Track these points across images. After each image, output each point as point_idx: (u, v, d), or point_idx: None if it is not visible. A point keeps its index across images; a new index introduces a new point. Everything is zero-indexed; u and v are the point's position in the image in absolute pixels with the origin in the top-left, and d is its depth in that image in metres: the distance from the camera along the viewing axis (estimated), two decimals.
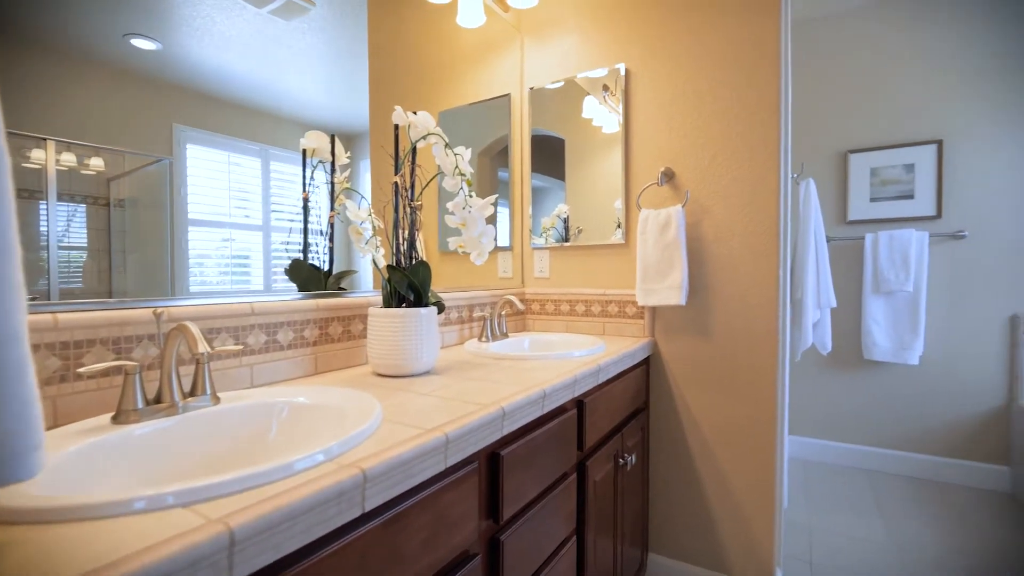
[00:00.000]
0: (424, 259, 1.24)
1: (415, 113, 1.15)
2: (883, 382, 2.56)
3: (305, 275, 1.19)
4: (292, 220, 1.17)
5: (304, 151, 1.22)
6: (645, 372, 1.61)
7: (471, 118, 1.77)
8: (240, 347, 0.80)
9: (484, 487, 0.80)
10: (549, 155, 1.89)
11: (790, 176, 2.08)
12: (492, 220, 1.88)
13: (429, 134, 1.14)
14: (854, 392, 2.63)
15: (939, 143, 2.40)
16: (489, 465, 0.81)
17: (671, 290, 1.51)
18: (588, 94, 1.77)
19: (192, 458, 0.70)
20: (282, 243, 1.14)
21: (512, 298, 1.50)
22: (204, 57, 0.96)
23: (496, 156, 1.90)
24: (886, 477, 2.51)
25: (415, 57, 1.49)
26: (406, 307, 1.07)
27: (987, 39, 2.31)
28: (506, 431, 0.81)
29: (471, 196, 1.20)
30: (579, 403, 1.12)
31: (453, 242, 1.24)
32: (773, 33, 1.44)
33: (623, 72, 1.69)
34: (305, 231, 1.20)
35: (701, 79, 1.55)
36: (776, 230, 1.45)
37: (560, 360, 1.24)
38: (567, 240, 1.84)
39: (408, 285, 1.06)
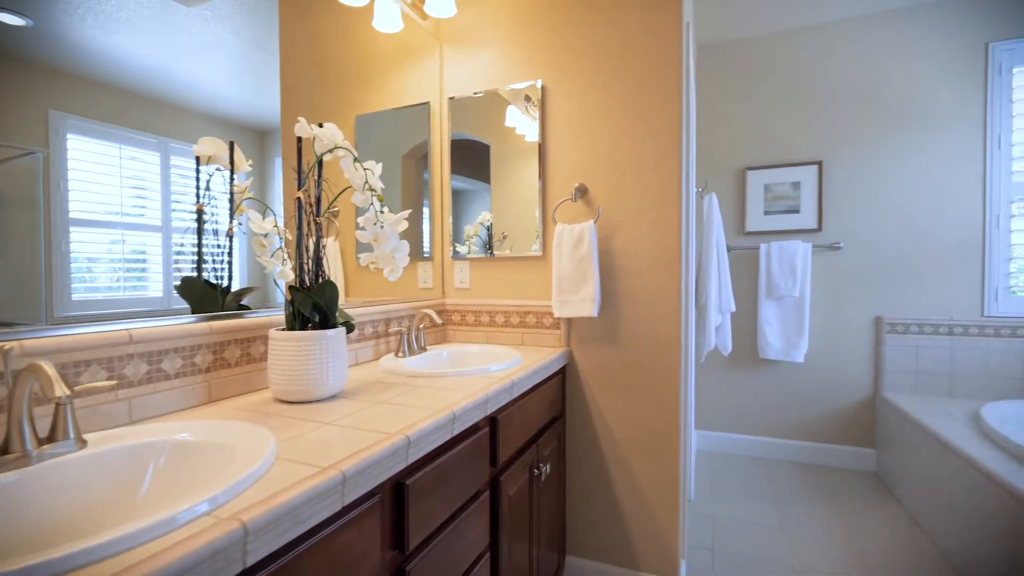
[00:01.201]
0: (331, 278, 1.20)
1: (321, 125, 1.10)
2: (775, 378, 2.83)
3: (199, 293, 1.10)
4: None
5: (198, 158, 1.13)
6: (561, 381, 1.66)
7: (392, 122, 1.73)
8: (112, 383, 0.73)
9: (388, 519, 0.78)
10: (475, 158, 1.88)
11: (693, 193, 2.24)
12: (418, 226, 1.86)
13: (336, 148, 1.10)
14: (752, 388, 2.89)
15: (819, 164, 2.69)
16: (394, 495, 0.79)
17: (584, 302, 1.57)
18: (510, 103, 1.79)
19: (44, 519, 0.62)
20: (188, 244, 1.05)
21: (430, 312, 1.49)
22: (88, 39, 0.86)
23: (421, 159, 1.87)
24: (778, 464, 2.78)
25: (331, 58, 1.43)
26: (311, 329, 1.03)
27: (859, 74, 2.63)
28: (412, 459, 0.80)
29: (383, 212, 1.17)
30: (492, 420, 1.13)
31: (365, 258, 1.20)
32: (675, 58, 1.54)
33: (539, 88, 1.73)
34: (199, 245, 1.11)
35: (612, 100, 1.63)
36: (679, 246, 1.56)
37: (475, 376, 1.24)
38: (491, 247, 1.85)
39: (313, 306, 1.01)
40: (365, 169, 1.13)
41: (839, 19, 2.65)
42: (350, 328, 1.12)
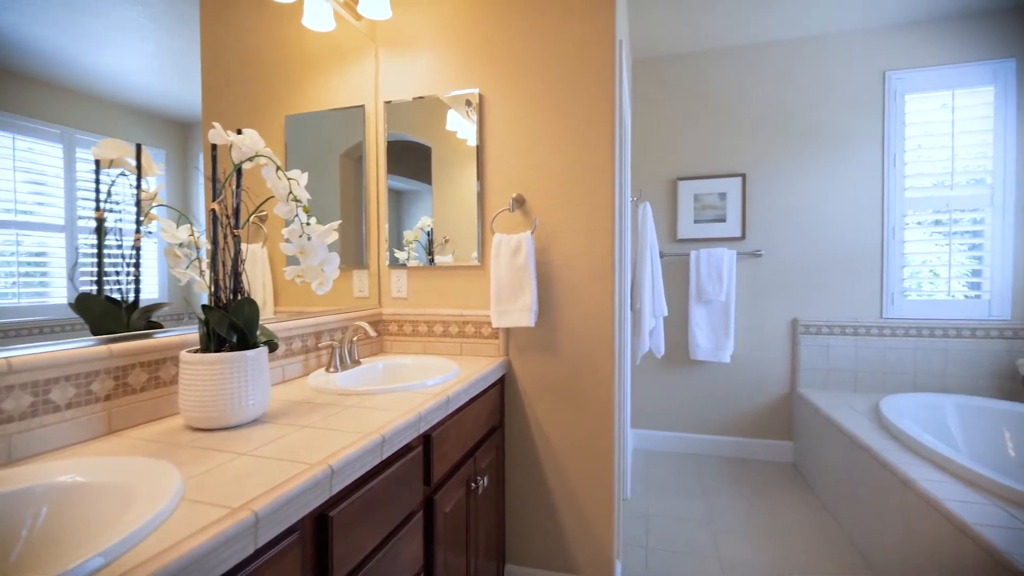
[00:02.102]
0: (254, 292, 1.13)
1: (240, 131, 1.03)
2: (704, 378, 2.99)
3: (99, 311, 1.00)
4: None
5: (97, 162, 1.03)
6: (500, 391, 1.66)
7: (328, 123, 1.67)
8: None
9: (311, 555, 0.74)
10: (416, 159, 1.84)
11: (628, 202, 2.31)
12: (358, 231, 1.79)
13: (257, 155, 1.04)
14: (684, 388, 3.03)
15: (743, 176, 2.87)
16: (316, 529, 0.76)
17: (522, 312, 1.58)
18: (450, 107, 1.77)
19: None
20: (92, 245, 0.95)
21: (365, 325, 1.44)
22: None
23: (361, 158, 1.81)
24: (708, 458, 2.93)
25: (258, 55, 1.35)
26: (227, 350, 0.96)
27: (779, 94, 2.83)
28: (337, 489, 0.76)
29: (309, 223, 1.12)
30: (426, 438, 1.11)
31: (291, 271, 1.15)
32: (608, 76, 1.58)
33: (477, 97, 1.72)
34: (100, 257, 1.02)
35: (548, 112, 1.65)
36: (612, 256, 1.60)
37: (409, 392, 1.21)
38: (432, 252, 1.82)
39: (229, 326, 0.95)
40: (289, 179, 1.07)
41: (761, 42, 2.83)
42: (273, 347, 1.06)
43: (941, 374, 2.62)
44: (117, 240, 1.03)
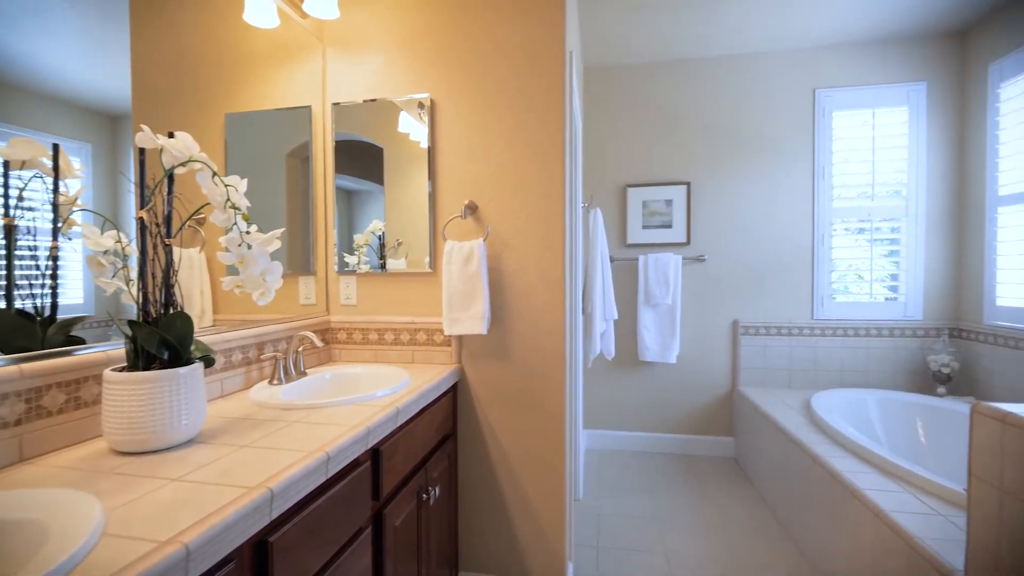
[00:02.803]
0: (189, 303, 1.07)
1: (172, 135, 0.97)
2: (653, 378, 3.10)
3: (9, 327, 0.92)
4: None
5: (6, 163, 0.95)
6: (452, 399, 1.65)
7: (272, 122, 1.61)
8: None
9: None
10: (368, 159, 1.79)
11: (579, 209, 2.36)
12: (305, 235, 1.73)
13: (191, 160, 0.98)
14: (633, 388, 3.12)
15: (688, 184, 2.99)
16: (255, 556, 0.73)
17: (475, 320, 1.58)
18: (403, 109, 1.74)
19: None
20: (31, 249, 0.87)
21: (311, 336, 1.39)
22: None
23: (308, 159, 1.75)
24: (656, 456, 3.04)
25: (196, 49, 1.28)
26: (158, 367, 0.90)
27: (722, 107, 2.96)
28: (277, 513, 0.74)
29: (249, 232, 1.07)
30: (375, 452, 1.09)
31: (229, 282, 1.09)
32: (559, 86, 1.61)
33: (429, 102, 1.71)
34: (9, 267, 0.93)
35: (500, 121, 1.65)
36: (563, 263, 1.63)
37: (358, 404, 1.19)
38: (383, 258, 1.78)
39: (160, 342, 0.89)
40: (227, 185, 1.02)
41: (706, 56, 2.96)
42: (209, 363, 1.01)
43: (864, 371, 2.84)
44: (32, 248, 0.95)
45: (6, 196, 0.94)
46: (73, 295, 1.01)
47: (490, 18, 1.65)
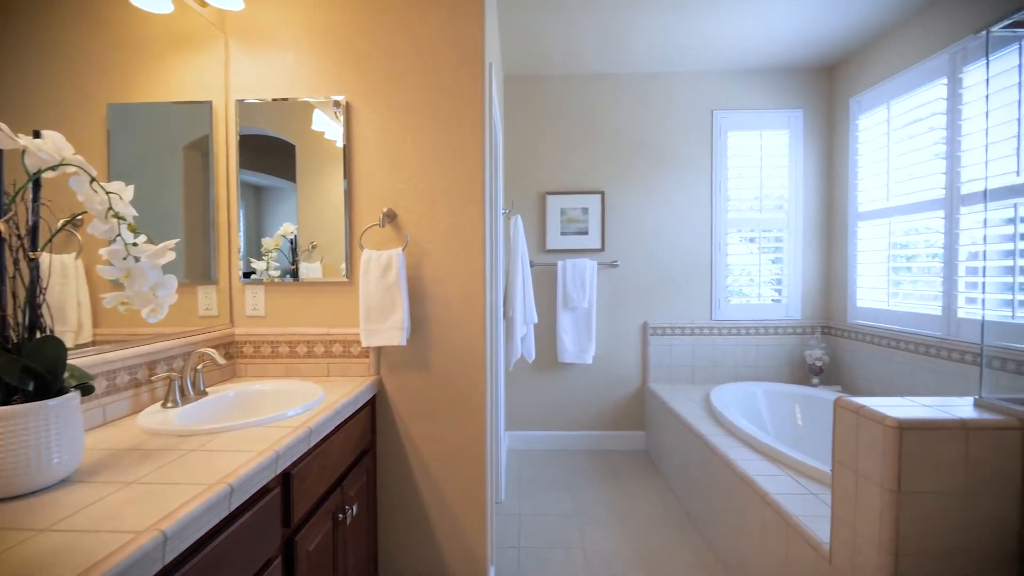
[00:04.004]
0: (56, 327, 0.95)
1: (38, 134, 0.86)
2: (571, 379, 3.22)
3: None
4: None
5: None
6: (371, 412, 1.61)
7: (167, 114, 1.47)
8: None
9: None
10: (278, 155, 1.68)
11: (500, 216, 2.39)
12: (204, 240, 1.59)
13: (63, 163, 0.87)
14: (553, 389, 3.23)
15: (602, 193, 3.14)
16: None
17: (393, 330, 1.55)
18: (316, 108, 1.66)
19: None
20: None
21: (212, 353, 1.29)
22: None
23: (209, 153, 1.62)
24: (574, 453, 3.17)
25: (70, 34, 1.13)
26: (21, 400, 0.79)
27: (633, 120, 3.15)
28: (171, 557, 0.68)
29: (136, 243, 0.97)
30: (286, 476, 1.04)
31: (112, 298, 0.98)
32: (478, 93, 1.62)
33: (343, 103, 1.65)
34: None
35: (420, 128, 1.63)
36: (483, 272, 1.65)
37: (266, 426, 1.12)
38: (295, 263, 1.68)
39: (23, 371, 0.78)
40: (109, 192, 0.92)
41: (620, 72, 3.13)
42: (87, 390, 0.90)
43: (755, 365, 3.16)
44: None
45: None
46: None
47: (409, 21, 1.63)
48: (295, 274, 1.68)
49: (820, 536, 1.37)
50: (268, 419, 1.15)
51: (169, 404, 1.25)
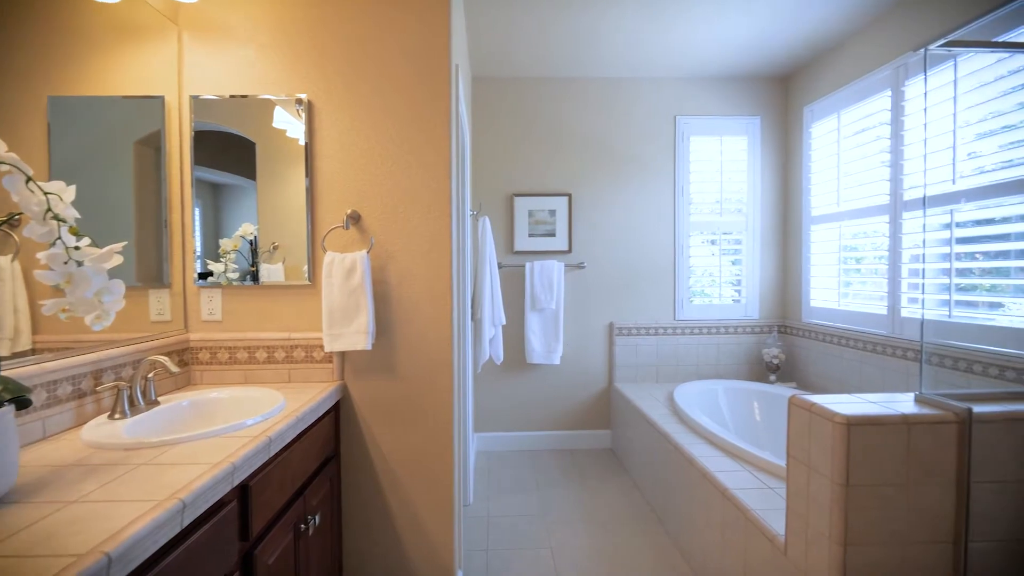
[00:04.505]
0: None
1: None
2: (539, 379, 3.24)
3: None
4: None
5: None
6: (334, 419, 1.57)
7: (115, 109, 1.40)
8: None
9: None
10: (237, 152, 1.62)
11: (468, 218, 2.38)
12: (156, 241, 1.51)
13: None
14: (522, 390, 3.24)
15: (569, 196, 3.18)
16: None
17: (358, 335, 1.52)
18: (278, 105, 1.61)
19: None
20: None
21: (164, 360, 1.23)
22: None
23: (161, 148, 1.55)
24: (542, 453, 3.19)
25: (8, 15, 1.06)
26: None
27: (600, 125, 3.19)
28: None
29: (79, 247, 0.92)
30: (243, 488, 1.00)
31: (52, 305, 0.93)
32: (444, 94, 1.61)
33: (306, 102, 1.60)
34: None
35: (386, 130, 1.61)
36: (450, 275, 1.64)
37: (222, 437, 1.08)
38: (255, 264, 1.63)
39: None
40: (47, 193, 0.87)
41: (588, 77, 3.17)
42: (23, 404, 0.84)
43: (716, 364, 3.26)
44: None
45: None
46: None
47: (375, 19, 1.60)
48: (255, 276, 1.63)
49: (776, 529, 1.43)
50: (225, 429, 1.11)
51: (117, 415, 1.18)
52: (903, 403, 1.21)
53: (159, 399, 1.34)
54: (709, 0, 2.32)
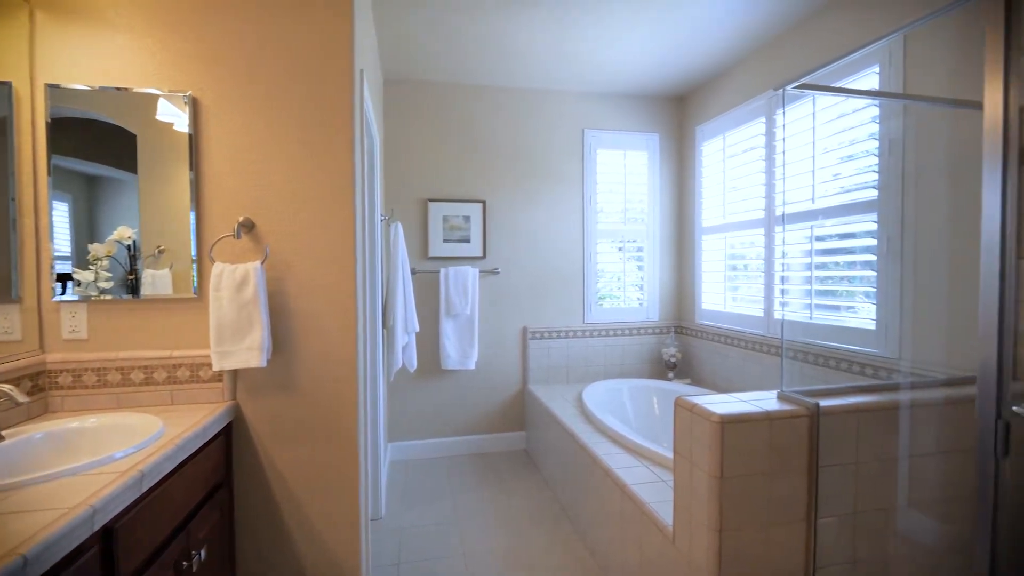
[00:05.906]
0: None
1: None
2: (454, 385, 3.24)
3: None
4: None
5: None
6: (224, 443, 1.46)
7: None
8: None
9: None
10: (115, 143, 1.45)
11: (378, 223, 2.33)
12: (4, 245, 1.31)
13: None
14: (437, 396, 3.22)
15: (484, 202, 3.21)
16: None
17: (251, 352, 1.43)
18: (162, 97, 1.46)
19: None
20: None
21: (6, 388, 1.07)
22: None
23: (7, 132, 1.34)
24: (458, 459, 3.19)
25: None
26: None
27: (515, 133, 3.25)
28: None
29: None
30: (107, 532, 0.90)
31: None
32: (347, 93, 1.56)
33: (191, 99, 1.47)
34: None
35: (286, 129, 1.53)
36: (355, 282, 1.59)
37: (83, 474, 0.96)
38: (133, 271, 1.46)
39: None
40: None
41: (501, 86, 3.21)
42: None
43: (621, 364, 3.46)
44: None
45: None
46: None
47: (273, 15, 1.51)
48: (134, 286, 1.47)
49: (666, 520, 1.55)
50: (87, 465, 0.99)
51: None
52: (768, 401, 1.38)
53: (4, 433, 1.17)
54: (617, 17, 2.46)
